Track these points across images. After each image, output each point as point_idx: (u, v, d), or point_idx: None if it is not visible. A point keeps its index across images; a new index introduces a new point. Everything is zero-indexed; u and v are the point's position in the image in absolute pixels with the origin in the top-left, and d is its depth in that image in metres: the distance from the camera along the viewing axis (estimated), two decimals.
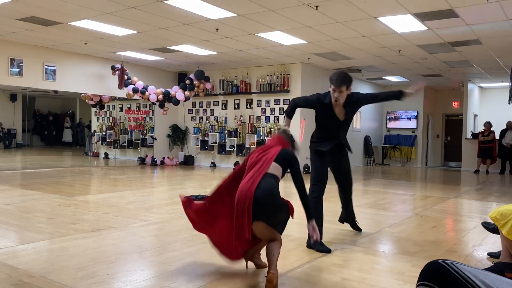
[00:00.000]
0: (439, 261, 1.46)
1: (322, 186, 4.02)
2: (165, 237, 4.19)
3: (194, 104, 13.38)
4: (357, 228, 4.63)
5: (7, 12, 7.32)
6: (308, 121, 6.21)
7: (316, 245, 3.77)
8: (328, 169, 4.17)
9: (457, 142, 15.13)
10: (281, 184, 3.09)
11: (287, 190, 4.33)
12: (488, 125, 13.22)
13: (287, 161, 3.15)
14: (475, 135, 14.03)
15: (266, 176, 2.99)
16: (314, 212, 3.37)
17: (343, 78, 3.90)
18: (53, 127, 18.11)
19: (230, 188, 3.15)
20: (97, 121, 15.10)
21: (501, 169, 13.05)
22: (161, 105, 11.89)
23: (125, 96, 11.44)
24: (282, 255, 3.61)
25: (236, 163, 11.98)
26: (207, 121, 13.09)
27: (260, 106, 12.10)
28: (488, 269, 2.94)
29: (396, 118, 15.90)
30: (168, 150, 13.46)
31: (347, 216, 4.56)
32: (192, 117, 13.54)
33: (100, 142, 14.99)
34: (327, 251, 3.75)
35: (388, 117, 16.16)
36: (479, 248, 4.04)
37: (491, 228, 3.72)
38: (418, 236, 4.49)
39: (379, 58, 10.52)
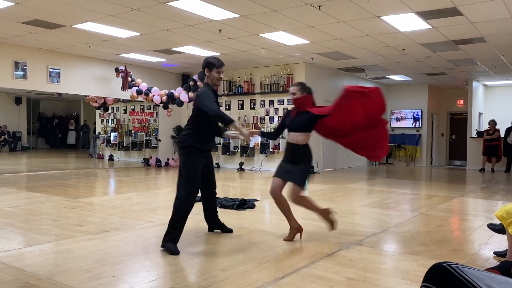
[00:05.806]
0: (444, 264, 1.45)
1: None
2: None
3: None
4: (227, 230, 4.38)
5: (11, 16, 7.36)
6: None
7: (167, 245, 3.63)
8: None
9: (462, 140, 15.06)
10: None
11: None
12: (493, 123, 13.17)
13: None
14: (480, 134, 13.96)
15: None
16: None
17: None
18: (58, 129, 18.21)
19: None
20: (101, 123, 15.15)
21: (507, 167, 12.97)
22: (165, 107, 11.92)
23: (129, 98, 11.48)
24: (287, 255, 3.61)
25: (241, 164, 11.99)
26: None
27: (264, 106, 12.10)
28: (494, 268, 2.92)
29: (403, 118, 15.65)
30: (173, 152, 13.47)
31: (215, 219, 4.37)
32: None
33: (104, 144, 15.05)
34: (176, 252, 3.58)
35: (395, 117, 15.89)
36: (485, 247, 4.02)
37: (498, 229, 3.70)
38: (423, 235, 4.47)
39: (382, 57, 10.49)
